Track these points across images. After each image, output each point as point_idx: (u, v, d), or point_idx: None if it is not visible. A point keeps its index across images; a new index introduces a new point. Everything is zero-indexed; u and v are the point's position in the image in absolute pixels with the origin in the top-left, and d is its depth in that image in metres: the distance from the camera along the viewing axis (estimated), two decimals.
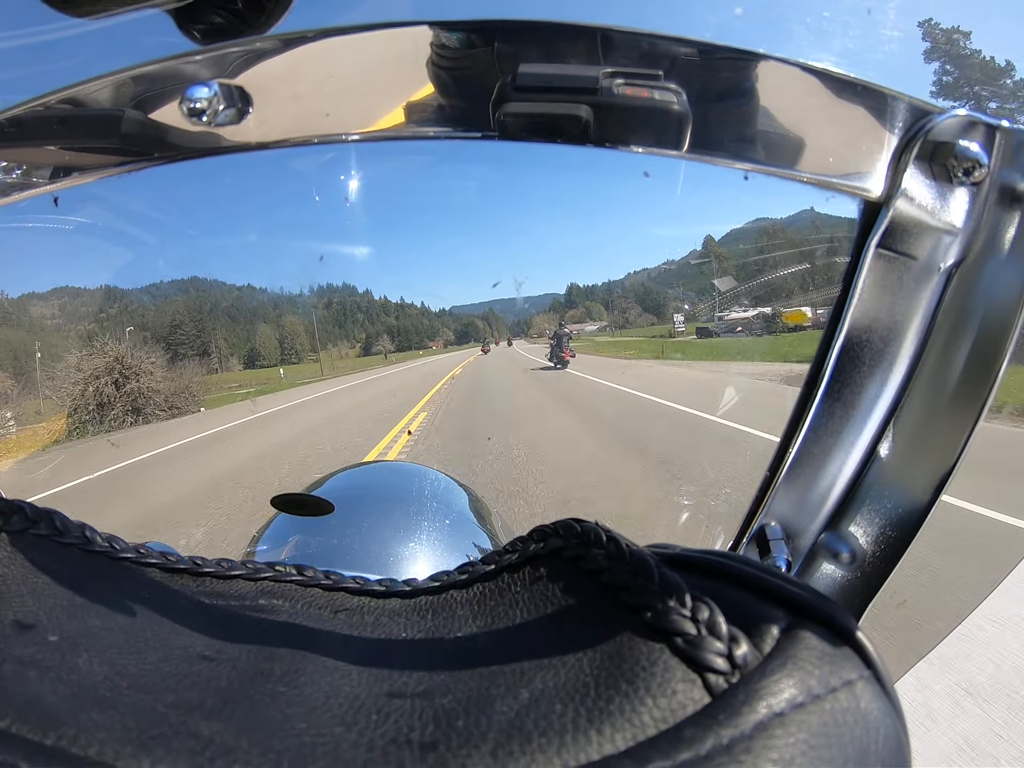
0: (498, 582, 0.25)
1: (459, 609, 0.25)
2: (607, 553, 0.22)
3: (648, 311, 18.94)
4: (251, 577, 0.28)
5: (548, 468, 4.15)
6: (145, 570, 0.28)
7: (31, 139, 0.35)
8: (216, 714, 0.17)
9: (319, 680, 0.20)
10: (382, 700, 0.18)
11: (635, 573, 0.21)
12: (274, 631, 0.24)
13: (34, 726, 0.16)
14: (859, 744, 0.16)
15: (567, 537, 0.24)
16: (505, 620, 0.23)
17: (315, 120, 0.35)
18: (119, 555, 0.27)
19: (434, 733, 0.16)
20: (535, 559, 0.25)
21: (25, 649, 0.19)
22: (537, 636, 0.21)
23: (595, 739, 0.15)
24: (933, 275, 0.37)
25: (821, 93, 0.33)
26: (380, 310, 20.33)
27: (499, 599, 0.24)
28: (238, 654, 0.22)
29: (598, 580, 0.22)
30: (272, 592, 0.28)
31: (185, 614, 0.25)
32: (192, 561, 0.28)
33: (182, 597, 0.26)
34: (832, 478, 0.44)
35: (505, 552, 0.26)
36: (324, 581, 0.29)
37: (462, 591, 0.26)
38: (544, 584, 0.23)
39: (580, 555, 0.23)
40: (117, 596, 0.25)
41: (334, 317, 22.34)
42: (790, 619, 0.18)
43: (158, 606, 0.25)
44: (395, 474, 0.89)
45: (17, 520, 0.27)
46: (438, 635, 0.23)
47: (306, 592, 0.28)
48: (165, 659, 0.21)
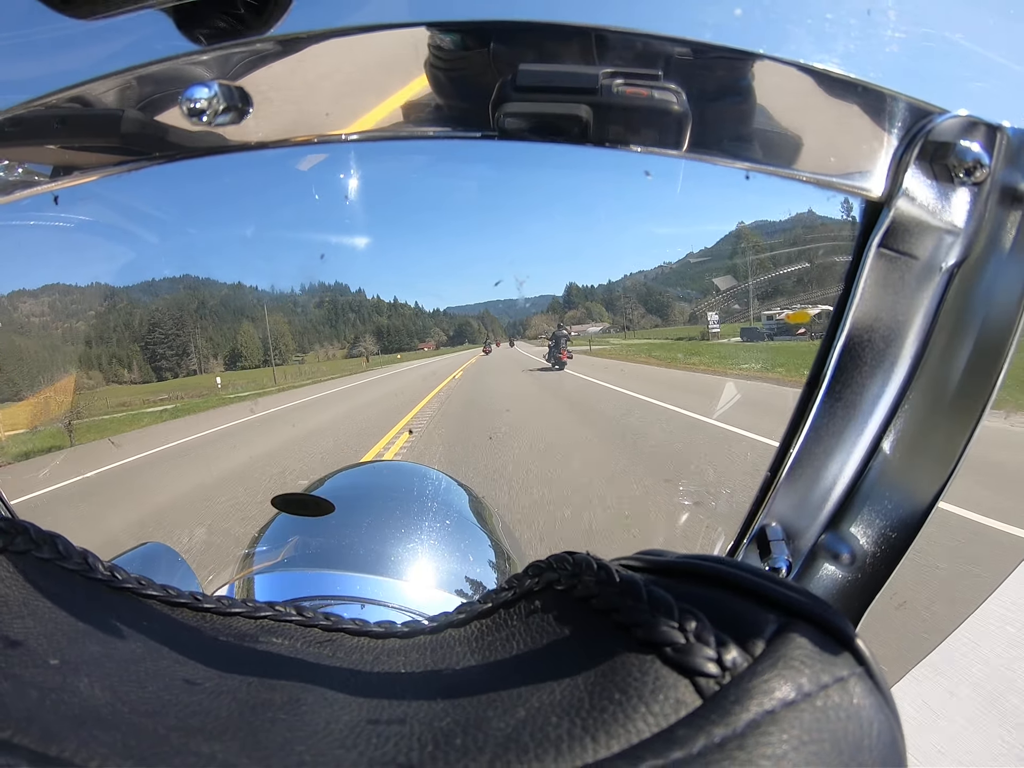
0: (495, 618, 0.26)
1: (457, 646, 0.25)
2: (597, 579, 0.23)
3: (653, 311, 18.25)
4: (250, 615, 0.29)
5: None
6: (145, 602, 0.28)
7: (32, 138, 0.36)
8: (217, 737, 0.18)
9: (319, 710, 0.20)
10: (382, 727, 0.19)
11: (624, 594, 0.21)
12: (274, 665, 0.25)
13: (36, 738, 0.16)
14: (852, 739, 0.16)
15: (560, 570, 0.25)
16: (502, 652, 0.23)
17: (315, 120, 0.35)
18: (120, 585, 0.28)
19: (433, 752, 0.17)
20: (530, 594, 0.25)
21: (26, 669, 0.19)
22: (533, 663, 0.22)
23: (590, 746, 0.16)
24: (934, 275, 0.37)
25: (822, 93, 0.33)
26: (372, 309, 19.73)
27: (496, 634, 0.25)
28: (238, 685, 0.22)
29: (589, 606, 0.22)
30: (272, 630, 0.28)
31: (186, 646, 0.25)
32: (192, 596, 0.29)
33: (183, 629, 0.27)
34: (833, 479, 0.44)
35: (502, 590, 0.27)
36: (323, 622, 0.29)
37: (460, 629, 0.27)
38: (539, 616, 0.24)
39: (572, 585, 0.24)
40: (118, 624, 0.25)
41: (325, 316, 21.74)
42: (781, 621, 0.18)
43: (158, 637, 0.25)
44: (396, 474, 0.89)
45: (21, 541, 0.27)
46: (436, 669, 0.24)
47: (305, 632, 0.28)
48: (166, 688, 0.21)
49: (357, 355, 19.54)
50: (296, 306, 22.54)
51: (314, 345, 21.26)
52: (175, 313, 17.57)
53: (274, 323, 20.46)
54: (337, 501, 0.61)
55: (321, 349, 21.35)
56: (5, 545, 0.26)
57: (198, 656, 0.24)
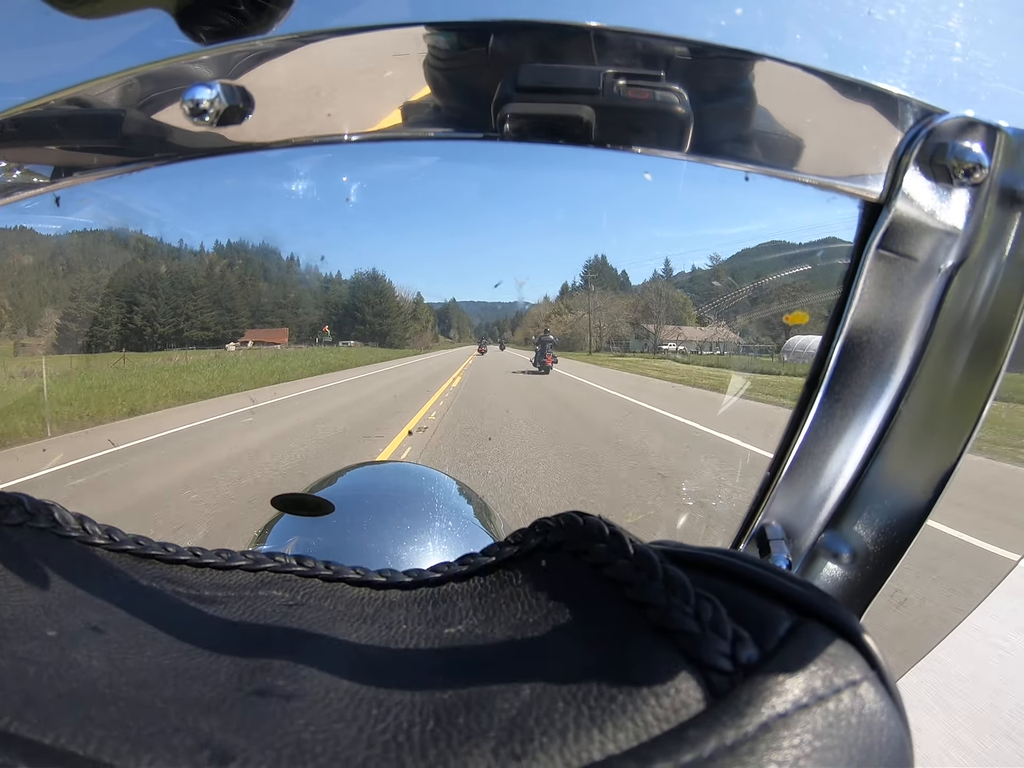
0: (499, 574, 0.25)
1: (459, 601, 0.24)
2: (610, 548, 0.22)
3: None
4: (251, 568, 0.28)
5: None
6: (144, 562, 0.27)
7: (33, 139, 0.35)
8: (214, 709, 0.17)
9: (318, 674, 0.20)
10: (382, 694, 0.18)
11: (638, 569, 0.20)
12: (274, 624, 0.24)
13: (32, 725, 0.15)
14: (862, 745, 0.15)
15: (569, 531, 0.24)
16: (506, 613, 0.22)
17: (317, 120, 0.35)
18: (118, 547, 0.27)
19: (435, 730, 0.16)
20: (536, 552, 0.25)
21: (23, 645, 0.19)
22: (538, 630, 0.21)
23: (597, 738, 0.15)
24: (934, 276, 0.37)
25: (822, 94, 0.33)
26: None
27: (500, 591, 0.24)
28: (237, 647, 0.21)
29: (600, 575, 0.21)
30: (272, 583, 0.27)
31: (184, 606, 0.25)
32: (192, 552, 0.28)
33: (181, 589, 0.26)
34: (833, 478, 0.44)
35: (506, 544, 0.26)
36: (324, 571, 0.28)
37: (462, 583, 0.26)
38: (545, 577, 0.23)
39: (582, 549, 0.23)
40: (116, 589, 0.25)
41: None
42: (794, 619, 0.18)
43: (157, 599, 0.25)
44: (397, 474, 0.89)
45: (16, 513, 0.26)
46: (438, 627, 0.23)
47: (306, 583, 0.28)
48: (164, 653, 0.20)
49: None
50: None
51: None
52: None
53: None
54: (337, 501, 0.61)
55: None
56: (0, 518, 0.26)
57: (197, 616, 0.24)
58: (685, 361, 15.06)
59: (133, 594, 0.25)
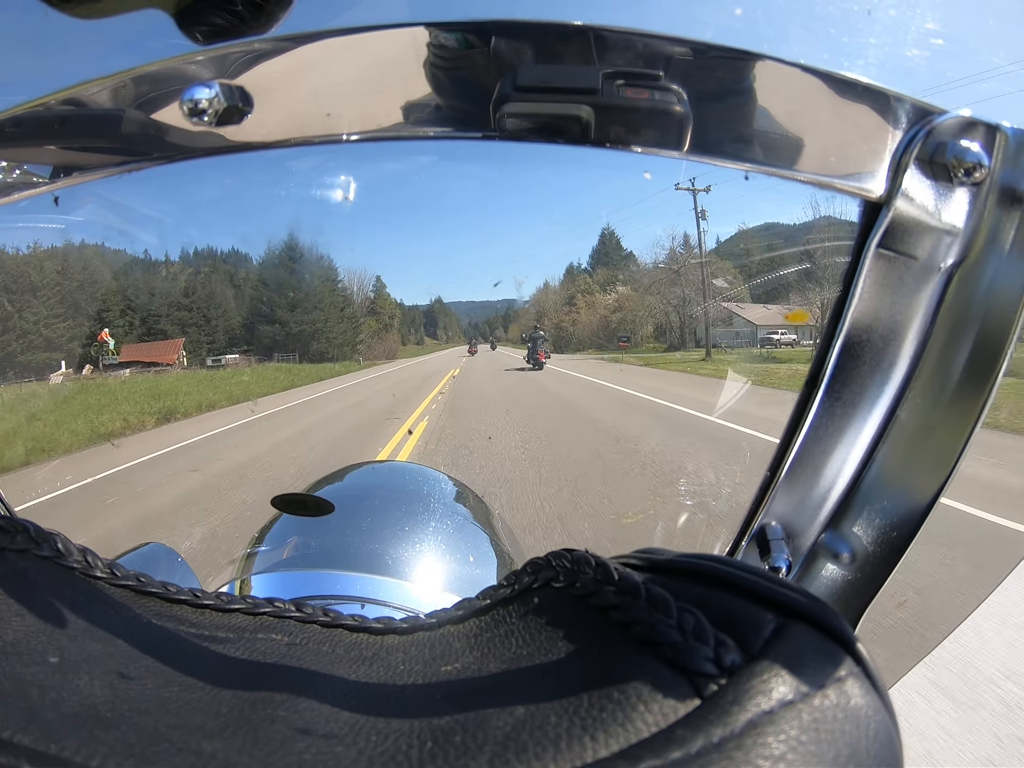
0: (493, 615, 0.26)
1: (455, 642, 0.25)
2: (595, 577, 0.23)
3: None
4: (250, 611, 0.29)
5: None
6: (144, 599, 0.28)
7: (32, 139, 0.35)
8: (217, 735, 0.18)
9: (319, 706, 0.20)
10: (381, 723, 0.19)
11: (622, 592, 0.21)
12: (274, 661, 0.25)
13: (36, 738, 0.16)
14: (850, 740, 0.16)
15: (558, 567, 0.25)
16: (500, 649, 0.23)
17: (316, 120, 0.35)
18: (119, 582, 0.28)
19: (432, 749, 0.17)
20: (529, 591, 0.26)
21: (26, 668, 0.19)
22: (531, 660, 0.22)
23: (589, 745, 0.16)
24: (933, 275, 0.37)
25: (822, 94, 0.33)
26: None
27: (495, 631, 0.25)
28: (238, 682, 0.22)
29: (588, 603, 0.22)
30: (271, 627, 0.28)
31: (185, 643, 0.25)
32: (192, 593, 0.29)
33: (182, 626, 0.27)
34: (832, 478, 0.44)
35: (500, 587, 0.27)
36: (322, 618, 0.29)
37: (458, 626, 0.27)
38: (538, 614, 0.24)
39: (571, 582, 0.24)
40: (117, 622, 0.25)
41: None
42: (779, 620, 0.18)
43: (158, 634, 0.25)
44: (396, 475, 0.89)
45: (21, 539, 0.27)
46: (435, 665, 0.24)
47: (304, 628, 0.28)
48: (165, 685, 0.21)
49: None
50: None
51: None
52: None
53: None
54: (338, 501, 0.61)
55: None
56: (5, 543, 0.26)
57: (198, 653, 0.24)
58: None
59: (133, 628, 0.25)
